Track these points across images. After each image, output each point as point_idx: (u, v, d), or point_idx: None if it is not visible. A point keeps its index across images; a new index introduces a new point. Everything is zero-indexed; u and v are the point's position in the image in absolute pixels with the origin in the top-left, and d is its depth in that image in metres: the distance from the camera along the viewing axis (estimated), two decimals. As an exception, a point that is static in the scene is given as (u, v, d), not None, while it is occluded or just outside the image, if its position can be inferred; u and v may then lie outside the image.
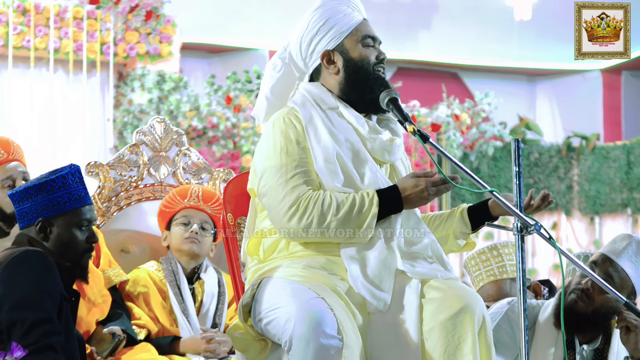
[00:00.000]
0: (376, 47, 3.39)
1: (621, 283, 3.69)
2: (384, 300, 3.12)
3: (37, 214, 3.32)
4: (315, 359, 2.94)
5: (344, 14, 3.37)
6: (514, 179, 3.07)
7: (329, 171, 3.21)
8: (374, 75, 3.34)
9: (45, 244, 3.31)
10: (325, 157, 3.22)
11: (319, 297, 3.04)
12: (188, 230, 4.13)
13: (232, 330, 3.29)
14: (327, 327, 2.95)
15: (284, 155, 3.22)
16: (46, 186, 3.31)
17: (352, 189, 3.21)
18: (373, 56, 3.37)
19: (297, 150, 3.23)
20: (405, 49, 11.30)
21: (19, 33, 9.05)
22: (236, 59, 10.74)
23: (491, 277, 4.33)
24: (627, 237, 3.80)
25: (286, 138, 3.24)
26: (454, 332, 3.07)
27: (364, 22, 3.40)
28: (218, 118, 9.46)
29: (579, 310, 3.71)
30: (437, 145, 3.67)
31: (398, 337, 3.09)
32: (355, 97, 3.34)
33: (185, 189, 4.23)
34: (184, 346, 4.01)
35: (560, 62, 11.83)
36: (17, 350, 2.98)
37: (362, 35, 3.37)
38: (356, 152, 3.27)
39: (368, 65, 3.35)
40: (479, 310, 3.11)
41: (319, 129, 3.27)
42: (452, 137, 10.22)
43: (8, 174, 4.07)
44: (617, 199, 10.68)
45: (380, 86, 3.32)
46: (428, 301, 3.14)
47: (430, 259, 3.24)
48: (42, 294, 3.15)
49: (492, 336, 3.14)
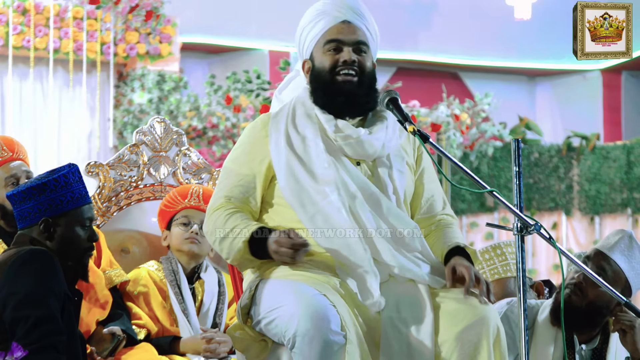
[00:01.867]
0: (343, 49, 3.35)
1: (614, 277, 3.70)
2: (378, 304, 3.13)
3: (40, 214, 3.32)
4: (320, 355, 2.95)
5: (316, 22, 3.38)
6: (514, 179, 3.07)
7: (284, 179, 3.29)
8: (332, 81, 3.34)
9: (48, 244, 3.32)
10: (282, 164, 3.31)
11: (321, 294, 3.05)
12: (188, 230, 4.13)
13: (232, 331, 3.30)
14: (331, 323, 2.97)
15: (236, 164, 3.38)
16: (49, 185, 3.31)
17: (305, 190, 3.26)
18: (330, 62, 3.34)
19: (247, 161, 3.36)
20: (405, 49, 11.30)
21: (19, 33, 9.05)
22: (236, 59, 10.74)
23: (495, 276, 4.34)
24: (619, 232, 3.80)
25: (246, 144, 3.39)
26: (469, 343, 3.08)
27: (336, 26, 3.37)
28: (218, 118, 9.46)
29: (573, 304, 3.71)
30: (437, 145, 3.67)
31: (411, 347, 3.10)
32: (322, 104, 3.37)
33: (186, 189, 4.21)
34: (184, 346, 4.01)
35: (560, 62, 11.83)
36: (18, 350, 2.98)
37: (324, 40, 3.37)
38: (317, 154, 3.29)
39: (324, 71, 3.35)
40: (494, 321, 3.12)
41: (280, 138, 3.34)
42: (452, 137, 10.22)
43: (12, 173, 4.06)
44: (617, 199, 10.68)
45: (339, 94, 3.33)
46: (443, 311, 3.15)
47: (420, 254, 3.25)
48: (46, 292, 3.15)
49: (506, 348, 3.15)
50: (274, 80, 9.90)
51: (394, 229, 3.24)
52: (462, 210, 10.61)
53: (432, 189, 3.45)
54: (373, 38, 3.41)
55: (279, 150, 3.33)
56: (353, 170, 3.29)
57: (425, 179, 3.45)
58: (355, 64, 3.33)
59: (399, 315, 3.14)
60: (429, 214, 3.43)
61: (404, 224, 3.26)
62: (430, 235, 3.40)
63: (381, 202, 3.27)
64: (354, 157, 3.32)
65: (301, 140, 3.33)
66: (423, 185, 3.44)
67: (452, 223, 3.44)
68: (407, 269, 3.20)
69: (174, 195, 4.21)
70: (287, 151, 3.31)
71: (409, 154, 3.44)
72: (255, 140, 3.40)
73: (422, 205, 3.43)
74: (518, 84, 12.39)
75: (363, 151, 3.32)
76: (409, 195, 3.40)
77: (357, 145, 3.31)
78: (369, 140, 3.32)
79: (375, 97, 3.38)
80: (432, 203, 3.44)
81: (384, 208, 3.26)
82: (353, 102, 3.34)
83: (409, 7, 11.30)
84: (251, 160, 3.37)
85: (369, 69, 3.37)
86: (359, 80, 3.34)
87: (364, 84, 3.35)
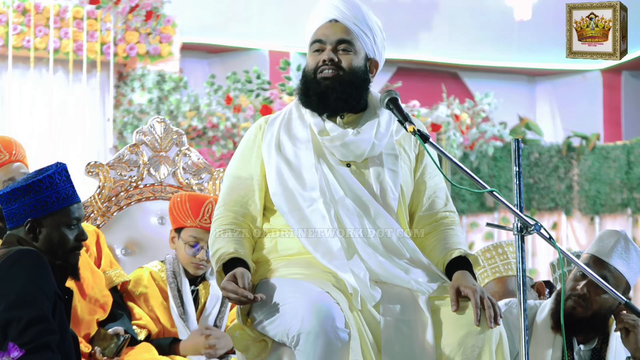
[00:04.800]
0: (325, 49, 3.35)
1: (616, 282, 3.68)
2: (373, 298, 3.13)
3: (25, 215, 3.31)
4: (324, 352, 2.95)
5: (311, 22, 3.39)
6: (514, 179, 3.07)
7: (273, 185, 3.32)
8: (314, 81, 3.34)
9: (35, 244, 3.30)
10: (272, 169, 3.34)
11: (324, 291, 3.05)
12: (196, 255, 4.09)
13: (232, 331, 3.29)
14: (336, 320, 2.97)
15: (235, 169, 3.41)
16: (33, 187, 3.29)
17: (292, 196, 3.28)
18: (313, 62, 3.36)
19: (245, 165, 3.39)
20: (405, 49, 11.30)
21: (19, 33, 9.04)
22: (236, 59, 10.74)
23: (497, 274, 4.35)
24: (613, 234, 3.77)
25: (244, 149, 3.43)
26: (472, 348, 3.08)
27: (323, 25, 3.38)
28: (218, 118, 9.46)
29: (579, 316, 3.70)
30: (437, 145, 3.66)
31: (414, 349, 3.10)
32: (303, 103, 3.40)
33: (199, 204, 4.11)
34: (184, 348, 4.00)
35: (560, 62, 11.82)
36: (14, 350, 2.97)
37: (311, 41, 3.40)
38: (307, 158, 3.31)
39: (309, 72, 3.37)
40: (497, 327, 3.12)
41: (272, 142, 3.36)
42: (452, 137, 10.21)
43: (10, 175, 4.06)
44: (617, 199, 10.67)
45: (314, 92, 3.34)
46: (445, 315, 3.14)
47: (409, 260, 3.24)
48: (37, 292, 3.14)
49: (509, 353, 3.15)
50: (274, 80, 9.90)
51: (382, 233, 3.24)
52: (462, 210, 10.60)
53: (434, 185, 3.43)
54: (367, 34, 3.37)
55: (270, 155, 3.35)
56: (342, 172, 3.28)
57: (427, 176, 3.43)
58: (333, 62, 3.32)
59: (400, 317, 3.14)
60: (430, 211, 3.41)
61: (391, 228, 3.25)
62: (431, 234, 3.39)
63: (369, 206, 3.26)
64: (342, 159, 3.32)
65: (293, 144, 3.34)
66: (425, 183, 3.42)
67: (454, 222, 3.42)
68: (394, 275, 3.19)
69: (186, 207, 4.11)
70: (277, 157, 3.33)
71: (408, 150, 3.42)
72: (252, 144, 3.42)
73: (424, 202, 3.41)
74: (518, 84, 12.38)
75: (350, 153, 3.31)
76: (407, 192, 3.38)
77: (342, 148, 3.30)
78: (355, 141, 3.31)
79: (361, 95, 3.37)
80: (434, 200, 3.42)
81: (372, 212, 3.25)
82: (326, 98, 3.33)
83: (409, 7, 11.30)
84: (248, 162, 3.39)
85: (353, 67, 3.34)
86: (337, 78, 3.32)
87: (344, 82, 3.33)
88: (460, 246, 3.32)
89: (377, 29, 3.41)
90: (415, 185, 3.42)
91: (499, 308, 3.12)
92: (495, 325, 3.09)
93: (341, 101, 3.34)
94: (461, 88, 11.82)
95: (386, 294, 3.16)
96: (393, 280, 3.18)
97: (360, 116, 3.39)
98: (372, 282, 3.16)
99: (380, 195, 3.30)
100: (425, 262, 3.27)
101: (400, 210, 3.34)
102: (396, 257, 3.23)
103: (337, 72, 3.32)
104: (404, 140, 3.42)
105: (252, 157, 3.40)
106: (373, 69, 3.43)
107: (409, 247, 3.27)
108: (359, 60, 3.36)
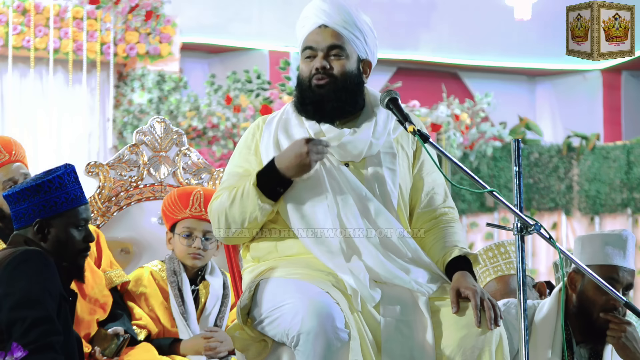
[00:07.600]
0: (316, 56, 3.35)
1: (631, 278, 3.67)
2: (373, 299, 3.13)
3: (34, 215, 3.31)
4: (324, 352, 2.95)
5: (301, 27, 3.40)
6: (514, 179, 3.07)
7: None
8: (308, 89, 3.35)
9: (42, 245, 3.31)
10: None
11: (324, 291, 3.05)
12: (191, 245, 4.10)
13: (232, 331, 3.29)
14: (336, 320, 2.97)
15: (233, 165, 3.42)
16: (43, 187, 3.30)
17: (291, 196, 3.27)
18: (306, 70, 3.37)
19: (244, 158, 3.40)
20: (405, 49, 11.30)
21: (19, 33, 9.04)
22: (236, 59, 10.74)
23: (499, 273, 4.35)
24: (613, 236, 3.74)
25: (242, 148, 3.43)
26: (472, 349, 3.08)
27: (313, 32, 3.38)
28: (218, 118, 9.46)
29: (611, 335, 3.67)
30: (437, 145, 3.66)
31: (413, 350, 3.10)
32: (299, 110, 3.40)
33: (187, 195, 4.12)
34: (184, 348, 4.00)
35: (560, 62, 11.83)
36: (18, 350, 2.98)
37: (302, 48, 3.40)
38: None
39: (303, 79, 3.38)
40: (497, 328, 3.11)
41: (270, 142, 3.36)
42: (452, 137, 10.22)
43: (10, 176, 4.06)
44: (617, 199, 10.67)
45: (310, 101, 3.34)
46: (445, 315, 3.14)
47: (410, 260, 3.24)
48: (42, 293, 3.15)
49: (509, 354, 3.15)
50: (274, 80, 9.90)
51: (383, 233, 3.24)
52: (462, 210, 10.60)
53: (432, 181, 3.43)
54: (357, 36, 3.36)
55: (268, 154, 3.35)
56: (342, 172, 3.28)
57: (425, 172, 3.43)
58: (325, 70, 3.32)
59: (400, 318, 3.14)
60: (429, 207, 3.41)
61: (392, 228, 3.26)
62: (430, 232, 3.39)
63: (369, 205, 3.26)
64: (341, 159, 3.31)
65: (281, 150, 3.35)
66: (423, 179, 3.42)
67: (454, 219, 3.42)
68: (395, 275, 3.19)
69: (175, 201, 4.12)
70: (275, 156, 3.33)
71: (406, 147, 3.42)
72: (250, 143, 3.43)
73: (422, 199, 3.41)
74: (518, 84, 12.38)
75: (347, 153, 3.31)
76: (406, 190, 3.38)
77: (339, 148, 3.31)
78: (351, 141, 3.31)
79: (357, 99, 3.37)
80: (432, 196, 3.42)
81: (372, 211, 3.26)
82: (321, 107, 3.34)
83: (409, 7, 11.29)
84: (246, 160, 3.40)
85: (346, 71, 3.34)
86: (331, 85, 3.33)
87: (339, 88, 3.33)
88: (460, 244, 3.32)
89: (367, 29, 3.40)
90: (413, 182, 3.41)
91: (499, 309, 3.12)
92: (496, 326, 3.09)
93: (337, 110, 3.35)
94: (461, 88, 11.81)
95: (386, 295, 3.16)
96: (393, 280, 3.18)
97: (357, 115, 3.39)
98: (372, 282, 3.16)
99: (380, 194, 3.30)
100: (426, 261, 3.28)
101: (400, 208, 3.34)
102: (397, 256, 3.23)
103: (330, 79, 3.33)
104: (402, 138, 3.42)
105: (251, 156, 3.40)
106: (367, 69, 3.43)
107: (410, 247, 3.27)
108: (352, 63, 3.36)
